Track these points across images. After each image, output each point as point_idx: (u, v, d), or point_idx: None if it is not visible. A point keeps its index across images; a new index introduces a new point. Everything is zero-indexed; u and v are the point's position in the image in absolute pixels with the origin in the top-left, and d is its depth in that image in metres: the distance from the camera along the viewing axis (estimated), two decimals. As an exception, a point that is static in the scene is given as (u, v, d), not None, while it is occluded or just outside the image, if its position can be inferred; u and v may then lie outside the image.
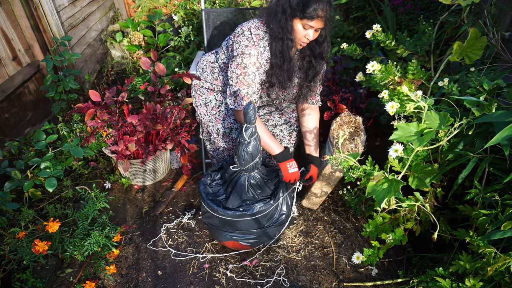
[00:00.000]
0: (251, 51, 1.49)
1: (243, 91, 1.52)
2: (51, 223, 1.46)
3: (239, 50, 1.50)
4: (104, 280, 1.60)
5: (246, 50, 1.49)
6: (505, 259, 1.02)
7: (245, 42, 1.50)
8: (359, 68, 2.47)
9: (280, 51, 1.50)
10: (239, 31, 1.53)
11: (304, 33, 1.45)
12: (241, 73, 1.50)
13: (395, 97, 1.31)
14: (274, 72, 1.55)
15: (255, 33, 1.50)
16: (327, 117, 1.94)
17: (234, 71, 1.52)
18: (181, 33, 3.20)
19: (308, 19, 1.39)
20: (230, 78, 1.54)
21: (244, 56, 1.49)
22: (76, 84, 2.46)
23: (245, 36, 1.50)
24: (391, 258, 1.70)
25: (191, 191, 2.13)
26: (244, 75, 1.50)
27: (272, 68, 1.54)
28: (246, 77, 1.51)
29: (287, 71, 1.55)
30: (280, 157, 1.60)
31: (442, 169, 1.25)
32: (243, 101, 1.53)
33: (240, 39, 1.51)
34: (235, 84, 1.53)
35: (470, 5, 1.42)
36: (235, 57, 1.52)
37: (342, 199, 1.99)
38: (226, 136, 1.75)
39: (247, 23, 1.53)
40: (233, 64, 1.52)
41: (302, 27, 1.44)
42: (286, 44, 1.47)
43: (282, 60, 1.51)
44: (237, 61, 1.50)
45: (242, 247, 1.66)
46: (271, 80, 1.57)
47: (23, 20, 2.34)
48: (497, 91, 1.20)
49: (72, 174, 2.20)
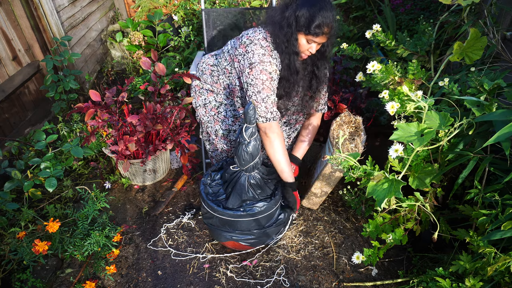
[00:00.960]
0: (270, 59, 1.49)
1: (272, 97, 1.49)
2: (51, 223, 1.46)
3: (256, 58, 1.47)
4: (104, 280, 1.60)
5: (265, 59, 1.47)
6: (505, 259, 1.02)
7: (260, 51, 1.48)
8: (359, 68, 2.47)
9: (288, 64, 1.51)
10: (246, 42, 1.50)
11: (307, 47, 1.47)
12: (267, 78, 1.47)
13: (395, 97, 1.31)
14: (281, 85, 1.56)
15: (266, 45, 1.49)
16: (327, 117, 1.94)
17: (258, 77, 1.47)
18: (181, 33, 3.20)
19: (313, 35, 1.41)
20: (254, 85, 1.48)
21: (265, 64, 1.47)
22: (76, 84, 2.46)
23: (257, 45, 1.48)
24: (391, 258, 1.70)
25: (191, 191, 2.13)
26: (271, 80, 1.48)
27: (280, 81, 1.55)
28: (272, 83, 1.49)
29: (293, 83, 1.56)
30: (294, 185, 1.63)
31: (442, 169, 1.25)
32: (274, 108, 1.50)
33: (253, 48, 1.49)
34: (262, 90, 1.47)
35: (470, 5, 1.42)
36: (254, 65, 1.47)
37: (342, 199, 1.99)
38: (224, 138, 1.75)
39: (253, 33, 1.51)
40: (253, 71, 1.47)
41: (306, 42, 1.45)
42: (293, 57, 1.49)
43: (289, 72, 1.53)
44: (259, 67, 1.47)
45: (242, 247, 1.66)
46: (279, 92, 1.57)
47: (23, 20, 2.34)
48: (498, 91, 1.20)
49: (72, 174, 2.20)
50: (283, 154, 1.56)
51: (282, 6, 1.48)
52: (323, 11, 1.37)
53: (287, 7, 1.44)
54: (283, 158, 1.57)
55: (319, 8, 1.37)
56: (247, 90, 1.52)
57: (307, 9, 1.38)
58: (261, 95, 1.47)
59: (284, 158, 1.57)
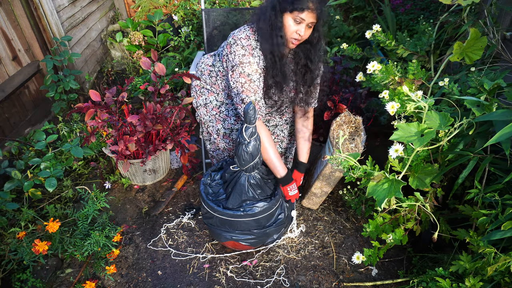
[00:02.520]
0: (250, 59, 1.48)
1: (252, 97, 1.50)
2: (51, 223, 1.46)
3: (236, 60, 1.48)
4: (104, 280, 1.60)
5: (245, 59, 1.47)
6: (505, 259, 1.02)
7: (241, 52, 1.48)
8: (359, 68, 2.47)
9: (271, 50, 1.46)
10: (230, 41, 1.51)
11: (295, 28, 1.40)
12: (245, 81, 1.48)
13: (395, 97, 1.31)
14: (268, 74, 1.54)
15: (247, 44, 1.48)
16: (327, 117, 1.93)
17: (238, 81, 1.50)
18: (181, 33, 3.20)
19: (299, 10, 1.35)
20: (235, 87, 1.52)
21: (244, 65, 1.48)
22: (76, 84, 2.46)
23: (238, 45, 1.48)
24: (391, 258, 1.70)
25: (191, 191, 2.13)
26: (250, 82, 1.49)
27: (267, 70, 1.54)
28: (251, 84, 1.49)
29: (281, 69, 1.51)
30: (283, 180, 1.60)
31: (442, 169, 1.25)
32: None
33: (234, 49, 1.48)
34: (241, 93, 1.50)
35: (470, 5, 1.42)
36: (235, 67, 1.49)
37: (342, 199, 1.99)
38: (226, 137, 1.75)
39: (238, 32, 1.51)
40: (234, 74, 1.50)
41: (293, 22, 1.39)
42: (277, 41, 1.44)
43: (273, 59, 1.49)
44: (239, 70, 1.48)
45: (242, 247, 1.66)
46: (267, 82, 1.56)
47: (23, 20, 2.33)
48: (498, 91, 1.20)
49: (72, 174, 2.20)
50: (268, 148, 1.56)
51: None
52: None
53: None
54: (269, 152, 1.56)
55: None
56: (231, 92, 1.55)
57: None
58: (240, 96, 1.50)
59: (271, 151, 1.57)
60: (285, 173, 1.59)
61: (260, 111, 1.55)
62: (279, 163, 1.58)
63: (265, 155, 1.56)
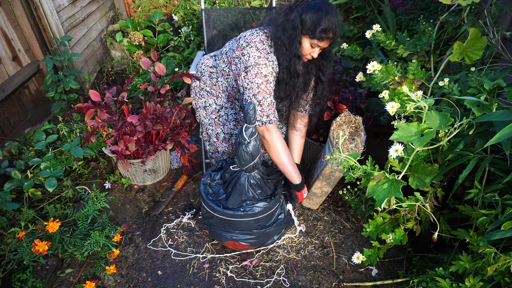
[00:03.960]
0: (265, 62, 1.48)
1: (268, 99, 1.48)
2: (51, 223, 1.46)
3: (252, 61, 1.47)
4: (104, 280, 1.60)
5: (261, 61, 1.47)
6: (505, 259, 1.02)
7: (256, 53, 1.47)
8: (359, 68, 2.47)
9: (287, 67, 1.50)
10: (243, 44, 1.50)
11: (310, 51, 1.47)
12: (262, 81, 1.47)
13: (395, 97, 1.31)
14: (281, 88, 1.56)
15: (262, 48, 1.48)
16: (327, 117, 1.93)
17: (253, 81, 1.47)
18: (181, 33, 3.20)
19: (319, 39, 1.41)
20: (250, 88, 1.48)
21: (260, 66, 1.46)
22: (76, 84, 2.46)
23: (253, 47, 1.48)
24: (391, 258, 1.70)
25: (191, 191, 2.13)
26: (266, 83, 1.47)
27: (279, 83, 1.55)
28: (268, 86, 1.48)
29: (293, 86, 1.56)
30: (299, 186, 1.64)
31: (442, 169, 1.25)
32: (271, 111, 1.49)
33: (248, 50, 1.48)
34: (257, 94, 1.47)
35: (470, 5, 1.42)
36: (250, 68, 1.47)
37: (342, 199, 1.99)
38: (226, 141, 1.75)
39: (251, 36, 1.51)
40: (249, 74, 1.47)
41: (309, 46, 1.45)
42: (294, 60, 1.48)
43: (289, 75, 1.52)
44: (255, 71, 1.46)
45: (242, 247, 1.66)
46: (278, 94, 1.57)
47: (23, 20, 2.33)
48: (498, 91, 1.20)
49: (72, 174, 2.20)
50: (283, 155, 1.56)
51: (286, 8, 1.47)
52: (329, 16, 1.37)
53: (292, 10, 1.43)
54: (284, 160, 1.57)
55: (325, 13, 1.37)
56: (243, 94, 1.51)
57: (314, 12, 1.38)
58: (257, 97, 1.47)
59: (286, 159, 1.57)
60: (301, 180, 1.62)
61: (276, 114, 1.53)
62: (294, 170, 1.60)
63: (279, 161, 1.57)
